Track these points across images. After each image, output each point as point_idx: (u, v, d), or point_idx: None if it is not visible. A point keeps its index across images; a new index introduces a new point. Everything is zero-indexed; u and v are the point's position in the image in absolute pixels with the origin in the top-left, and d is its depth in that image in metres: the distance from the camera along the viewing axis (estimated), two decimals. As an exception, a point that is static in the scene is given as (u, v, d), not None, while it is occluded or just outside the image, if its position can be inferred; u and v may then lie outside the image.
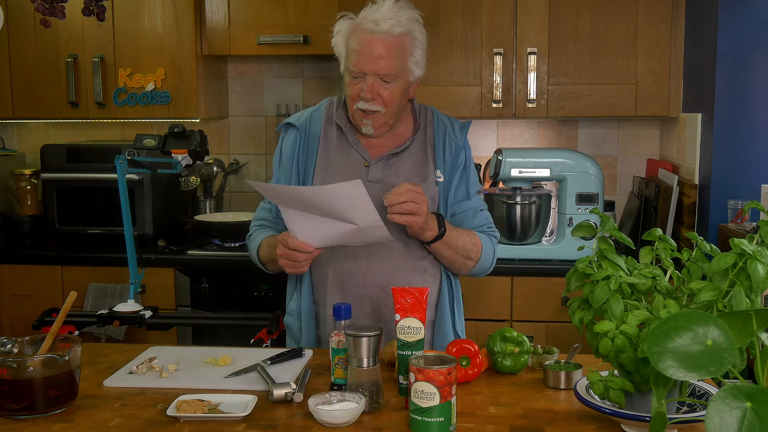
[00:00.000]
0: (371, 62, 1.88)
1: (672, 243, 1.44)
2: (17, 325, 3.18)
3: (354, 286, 1.95)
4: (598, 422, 1.43)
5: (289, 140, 2.05)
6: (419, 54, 1.95)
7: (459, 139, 2.02)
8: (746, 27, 2.63)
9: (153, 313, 2.12)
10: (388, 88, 1.91)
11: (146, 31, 3.31)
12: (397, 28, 1.88)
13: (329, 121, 2.04)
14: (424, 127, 2.03)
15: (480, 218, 2.03)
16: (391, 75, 1.89)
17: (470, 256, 1.98)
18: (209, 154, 2.47)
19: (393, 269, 1.95)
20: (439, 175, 1.99)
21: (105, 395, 1.60)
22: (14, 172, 3.52)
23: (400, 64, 1.91)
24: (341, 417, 1.41)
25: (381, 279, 1.94)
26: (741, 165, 2.68)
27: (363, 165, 1.99)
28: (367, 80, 1.89)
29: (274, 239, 1.93)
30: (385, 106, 1.92)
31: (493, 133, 3.54)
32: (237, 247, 3.17)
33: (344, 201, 1.70)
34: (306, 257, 1.82)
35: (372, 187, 1.94)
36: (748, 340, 1.09)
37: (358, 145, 2.00)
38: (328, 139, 2.02)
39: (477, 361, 1.65)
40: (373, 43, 1.88)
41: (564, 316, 2.83)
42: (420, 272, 1.98)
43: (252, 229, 2.12)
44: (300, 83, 3.67)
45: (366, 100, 1.90)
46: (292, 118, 2.07)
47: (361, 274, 1.95)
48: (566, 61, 3.09)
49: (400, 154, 2.00)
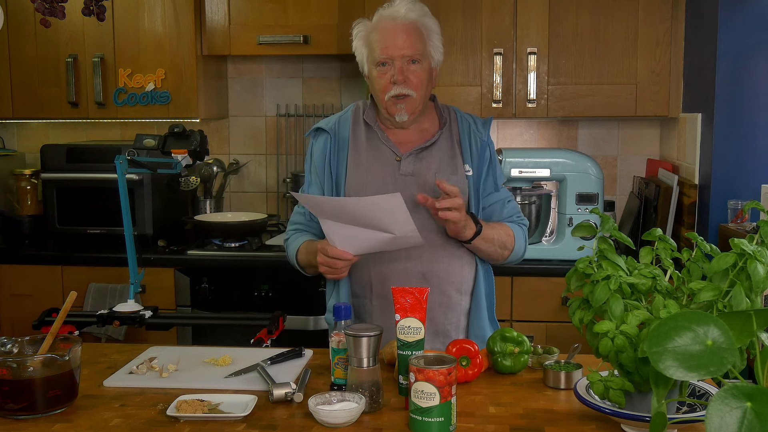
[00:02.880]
0: (397, 46, 1.99)
1: (672, 243, 1.44)
2: (17, 325, 3.18)
3: (395, 276, 2.00)
4: (598, 422, 1.43)
5: (319, 144, 2.11)
6: (437, 39, 2.06)
7: (483, 135, 2.11)
8: (746, 27, 2.63)
9: (153, 313, 2.12)
10: (416, 70, 2.00)
11: (146, 31, 3.31)
12: (412, 13, 2.02)
13: (357, 122, 2.11)
14: (449, 124, 2.11)
15: (509, 208, 2.12)
16: (417, 54, 2.00)
17: (506, 246, 2.06)
18: (209, 154, 2.47)
19: (432, 257, 2.01)
20: (468, 170, 2.06)
21: (105, 395, 1.60)
22: (14, 172, 3.51)
23: (422, 45, 2.02)
24: (341, 417, 1.41)
25: (422, 266, 2.01)
26: (741, 165, 2.68)
27: (395, 160, 2.06)
28: (395, 64, 1.99)
29: (312, 245, 2.00)
30: (416, 89, 2.01)
31: (493, 133, 3.54)
32: (237, 247, 3.17)
33: (383, 212, 1.78)
34: (345, 264, 1.90)
35: (405, 180, 2.03)
36: (748, 340, 1.09)
37: (388, 141, 2.07)
38: (357, 139, 2.08)
39: (477, 361, 1.65)
40: (396, 29, 2.00)
41: (564, 316, 2.83)
42: (458, 259, 2.05)
43: (288, 233, 2.18)
44: (300, 83, 3.67)
45: (398, 83, 1.99)
46: (322, 123, 2.13)
47: (401, 262, 2.01)
48: (566, 61, 3.09)
49: (429, 148, 2.06)
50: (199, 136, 2.28)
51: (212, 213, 3.56)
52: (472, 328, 2.07)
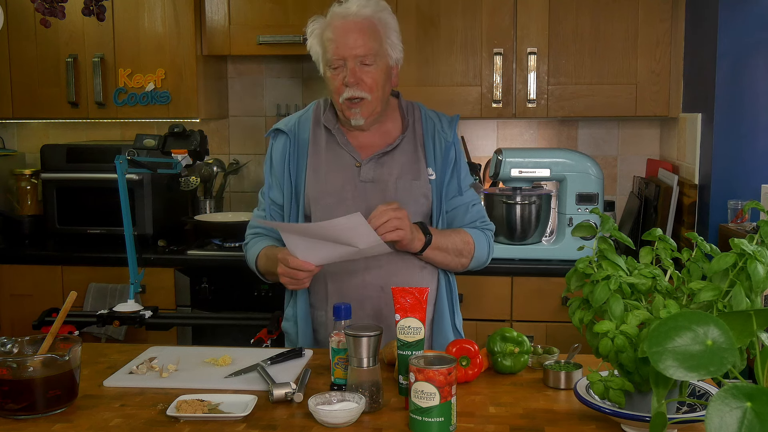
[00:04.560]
0: (348, 46, 1.89)
1: (672, 243, 1.44)
2: (17, 325, 3.18)
3: (353, 288, 1.95)
4: (598, 422, 1.43)
5: (278, 146, 2.04)
6: (394, 36, 1.96)
7: (448, 135, 2.01)
8: (746, 27, 2.63)
9: (153, 313, 2.12)
10: (370, 71, 1.91)
11: (146, 31, 3.31)
12: (365, 9, 1.92)
13: (317, 123, 2.03)
14: (413, 124, 2.03)
15: (472, 213, 2.02)
16: (370, 55, 1.90)
17: (462, 254, 1.97)
18: (209, 154, 2.48)
19: (391, 270, 1.95)
20: (431, 173, 1.98)
21: (105, 395, 1.60)
22: (14, 172, 3.51)
23: (377, 44, 1.91)
24: (341, 417, 1.41)
25: (380, 279, 1.94)
26: (741, 165, 2.68)
27: (354, 165, 1.98)
28: (348, 65, 1.90)
29: (272, 251, 1.92)
30: (371, 92, 1.91)
31: (493, 133, 3.54)
32: (237, 247, 3.16)
33: (346, 231, 1.72)
34: (307, 275, 1.82)
35: (365, 187, 1.95)
36: (748, 340, 1.09)
37: (348, 145, 1.99)
38: (317, 142, 2.01)
39: (477, 361, 1.65)
40: (347, 28, 1.90)
41: (564, 316, 2.83)
42: (419, 269, 1.98)
43: (248, 237, 2.11)
44: (300, 83, 3.67)
45: (350, 85, 1.90)
46: (281, 124, 2.05)
47: (359, 275, 1.95)
48: (566, 61, 3.09)
49: (391, 152, 1.99)
50: (199, 136, 2.28)
51: (212, 213, 3.56)
52: (436, 338, 2.00)
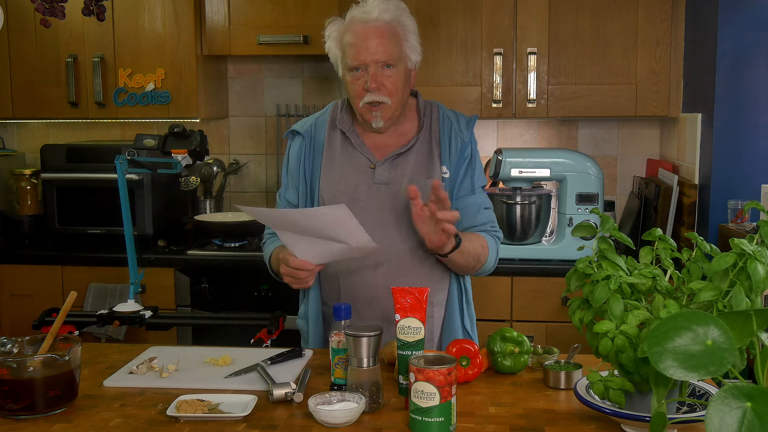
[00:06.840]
0: (369, 52, 1.89)
1: (672, 243, 1.44)
2: (17, 325, 3.18)
3: (363, 289, 1.95)
4: (598, 422, 1.43)
5: (295, 147, 2.05)
6: (414, 39, 1.97)
7: (465, 135, 2.01)
8: (746, 27, 2.63)
9: (153, 313, 2.12)
10: (391, 75, 1.92)
11: (146, 31, 3.31)
12: (386, 14, 1.92)
13: (333, 125, 2.03)
14: (429, 125, 2.02)
15: (483, 216, 2.01)
16: (392, 59, 1.91)
17: (480, 260, 1.97)
18: (209, 154, 2.47)
19: (401, 270, 1.94)
20: (445, 171, 1.98)
21: (105, 395, 1.60)
22: (14, 172, 3.52)
23: (397, 49, 1.92)
24: (341, 417, 1.41)
25: (390, 280, 1.92)
26: (741, 165, 2.68)
27: (369, 167, 1.98)
28: (369, 70, 1.90)
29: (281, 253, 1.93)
30: (391, 96, 1.92)
31: (493, 133, 3.54)
32: (237, 247, 3.17)
33: (332, 223, 1.71)
34: (308, 274, 1.83)
35: (378, 188, 1.96)
36: (748, 340, 1.09)
37: (363, 147, 2.00)
38: (332, 144, 2.02)
39: (477, 361, 1.65)
40: (368, 32, 1.90)
41: (564, 316, 2.83)
42: (428, 271, 1.98)
43: (264, 237, 2.13)
44: (300, 83, 3.67)
45: (371, 90, 1.90)
46: (297, 125, 2.07)
47: (369, 276, 1.95)
48: (566, 61, 3.09)
49: (405, 153, 1.98)
50: (199, 136, 2.28)
51: (212, 213, 3.56)
52: (446, 340, 1.99)
